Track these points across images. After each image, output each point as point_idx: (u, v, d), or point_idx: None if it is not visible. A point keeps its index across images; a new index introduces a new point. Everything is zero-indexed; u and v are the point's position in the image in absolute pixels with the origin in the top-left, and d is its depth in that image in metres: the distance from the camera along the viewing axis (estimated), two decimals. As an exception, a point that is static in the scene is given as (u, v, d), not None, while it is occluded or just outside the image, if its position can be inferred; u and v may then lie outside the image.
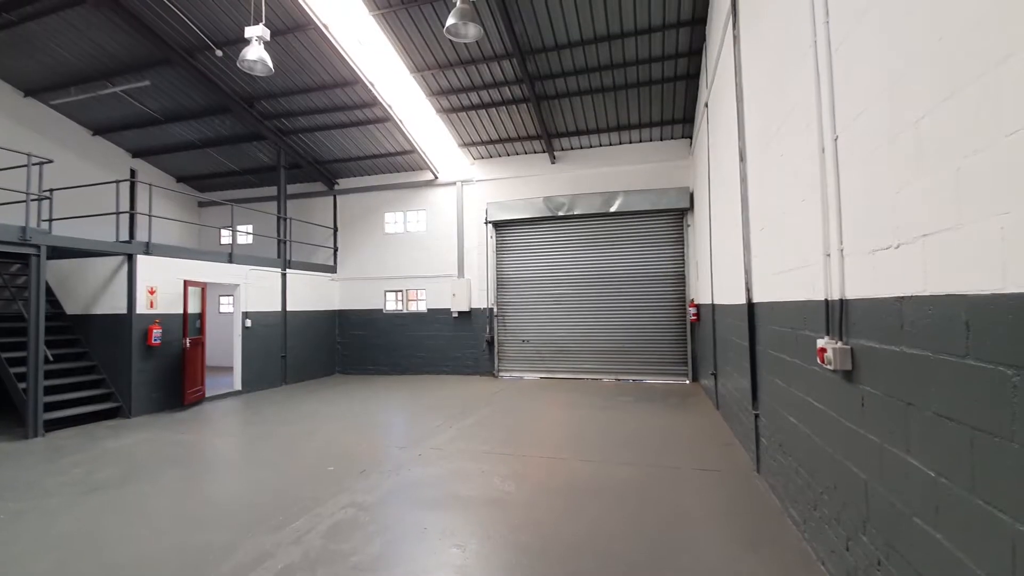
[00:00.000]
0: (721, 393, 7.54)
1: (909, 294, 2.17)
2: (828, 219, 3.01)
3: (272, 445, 6.66)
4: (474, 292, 12.57)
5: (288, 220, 12.69)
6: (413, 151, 12.40)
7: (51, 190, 8.62)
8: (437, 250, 13.03)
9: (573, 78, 9.67)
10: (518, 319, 12.33)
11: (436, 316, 12.93)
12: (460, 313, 12.61)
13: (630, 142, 11.46)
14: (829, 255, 3.01)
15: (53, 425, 7.62)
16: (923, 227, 2.07)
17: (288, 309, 12.02)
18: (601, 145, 11.65)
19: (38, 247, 7.44)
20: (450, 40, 8.63)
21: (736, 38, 5.40)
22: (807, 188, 3.34)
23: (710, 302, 8.17)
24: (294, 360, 12.15)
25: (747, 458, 5.54)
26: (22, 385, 7.38)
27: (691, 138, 10.85)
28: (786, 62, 3.76)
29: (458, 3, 6.62)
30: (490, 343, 12.36)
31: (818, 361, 3.05)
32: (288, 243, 12.44)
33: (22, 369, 7.48)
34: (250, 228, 14.79)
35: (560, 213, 11.75)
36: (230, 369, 11.26)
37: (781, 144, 3.93)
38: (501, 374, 12.33)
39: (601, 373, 11.54)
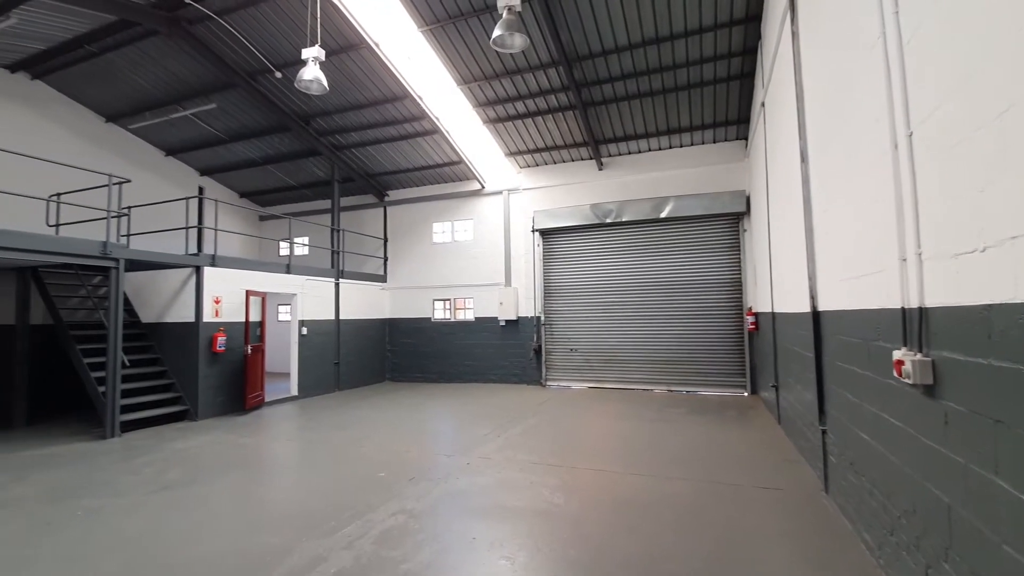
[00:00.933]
0: (783, 407, 7.15)
1: (997, 302, 1.98)
2: (904, 221, 2.78)
3: (326, 450, 6.84)
4: (521, 300, 12.56)
5: (341, 232, 13.15)
6: (460, 162, 12.59)
7: (129, 207, 9.29)
8: (484, 259, 13.12)
9: (621, 83, 9.54)
10: (566, 328, 12.21)
11: (483, 325, 13.00)
12: (507, 322, 12.62)
13: (681, 146, 11.17)
14: (905, 260, 2.79)
15: (128, 426, 8.15)
16: (1011, 229, 1.88)
17: (341, 318, 12.41)
18: (650, 150, 11.42)
19: (117, 260, 8.03)
20: (496, 51, 8.72)
21: (795, 34, 5.16)
22: (878, 188, 3.11)
23: (770, 310, 7.79)
24: (347, 367, 12.50)
25: (813, 477, 5.20)
26: (101, 389, 7.95)
27: (747, 139, 10.45)
28: (851, 56, 3.54)
29: (504, 14, 6.67)
30: (537, 352, 12.29)
31: (894, 374, 2.82)
32: (341, 254, 12.87)
33: (102, 374, 8.07)
34: (306, 240, 15.42)
35: (608, 220, 11.58)
36: (287, 375, 11.72)
37: (847, 142, 3.70)
38: (548, 383, 12.22)
39: (652, 384, 11.22)
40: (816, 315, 4.76)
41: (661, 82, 9.43)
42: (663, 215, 11.08)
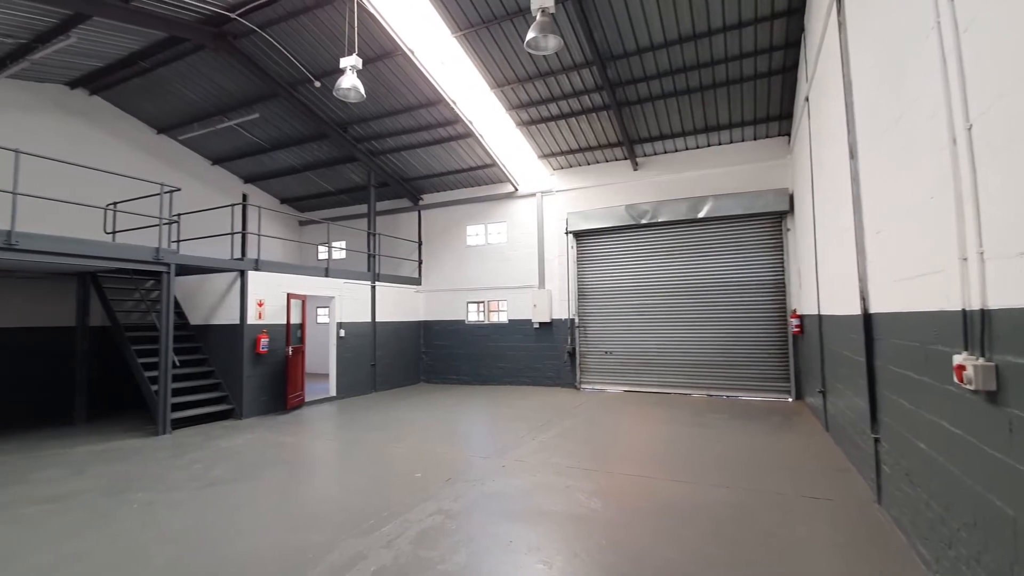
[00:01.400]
0: (831, 413, 6.87)
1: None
2: (964, 218, 2.64)
3: (364, 450, 6.97)
4: (555, 303, 12.50)
5: (377, 236, 13.40)
6: (493, 164, 12.65)
7: (179, 215, 9.72)
8: (518, 261, 13.13)
9: (656, 81, 9.39)
10: (600, 330, 12.08)
11: (517, 327, 13.01)
12: (541, 324, 12.59)
13: (719, 143, 10.90)
14: (966, 259, 2.63)
15: (178, 424, 8.52)
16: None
17: (377, 320, 12.64)
18: (687, 148, 11.19)
19: (168, 265, 8.41)
20: (529, 54, 8.73)
21: (841, 24, 4.97)
22: (935, 184, 2.96)
23: (816, 312, 7.50)
24: (383, 369, 12.72)
25: (865, 486, 4.97)
26: (154, 388, 8.34)
27: (790, 135, 10.12)
28: (903, 47, 3.39)
29: (538, 16, 6.67)
30: (571, 354, 12.20)
31: (955, 380, 2.67)
32: (377, 257, 13.12)
33: (154, 373, 8.46)
34: (343, 244, 15.79)
35: (643, 221, 11.40)
36: (326, 376, 12.02)
37: (900, 137, 3.53)
38: (583, 386, 12.12)
39: (690, 388, 10.97)
40: (867, 317, 4.55)
41: (699, 79, 9.23)
42: (701, 215, 10.83)
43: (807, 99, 7.49)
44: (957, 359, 2.65)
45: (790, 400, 9.96)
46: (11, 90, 10.04)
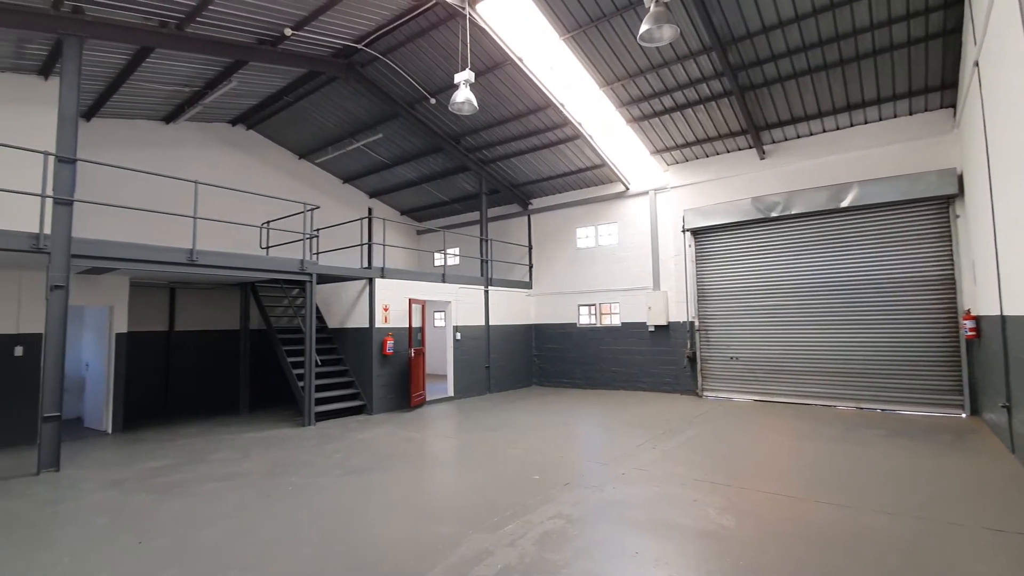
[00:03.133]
0: (1018, 432, 5.71)
1: None
2: None
3: (483, 449, 7.16)
4: (672, 305, 11.92)
5: (489, 241, 13.80)
6: (603, 165, 12.42)
7: (318, 230, 10.82)
8: (630, 262, 12.74)
9: (786, 60, 8.56)
10: (724, 333, 11.27)
11: (631, 330, 12.60)
12: (657, 327, 12.07)
13: (864, 122, 9.62)
14: None
15: (320, 416, 9.46)
16: None
17: (490, 323, 12.99)
18: (824, 131, 10.04)
19: (311, 275, 9.38)
20: (641, 46, 8.44)
21: (1030, -35, 4.13)
22: None
23: (998, 313, 6.29)
24: (496, 371, 13.04)
25: (1079, 524, 4.05)
26: (300, 384, 9.33)
27: (955, 107, 8.67)
28: None
29: (651, 7, 6.40)
30: (692, 359, 11.53)
31: None
32: (489, 262, 13.50)
33: (301, 371, 9.47)
34: (457, 250, 16.49)
35: (773, 214, 10.43)
36: (444, 377, 12.60)
37: None
38: (706, 394, 11.38)
39: (835, 399, 9.78)
40: (1079, 317, 3.71)
41: (838, 52, 8.24)
42: (844, 204, 9.61)
43: (976, 64, 6.34)
44: None
45: (964, 416, 8.47)
46: (188, 131, 11.90)
